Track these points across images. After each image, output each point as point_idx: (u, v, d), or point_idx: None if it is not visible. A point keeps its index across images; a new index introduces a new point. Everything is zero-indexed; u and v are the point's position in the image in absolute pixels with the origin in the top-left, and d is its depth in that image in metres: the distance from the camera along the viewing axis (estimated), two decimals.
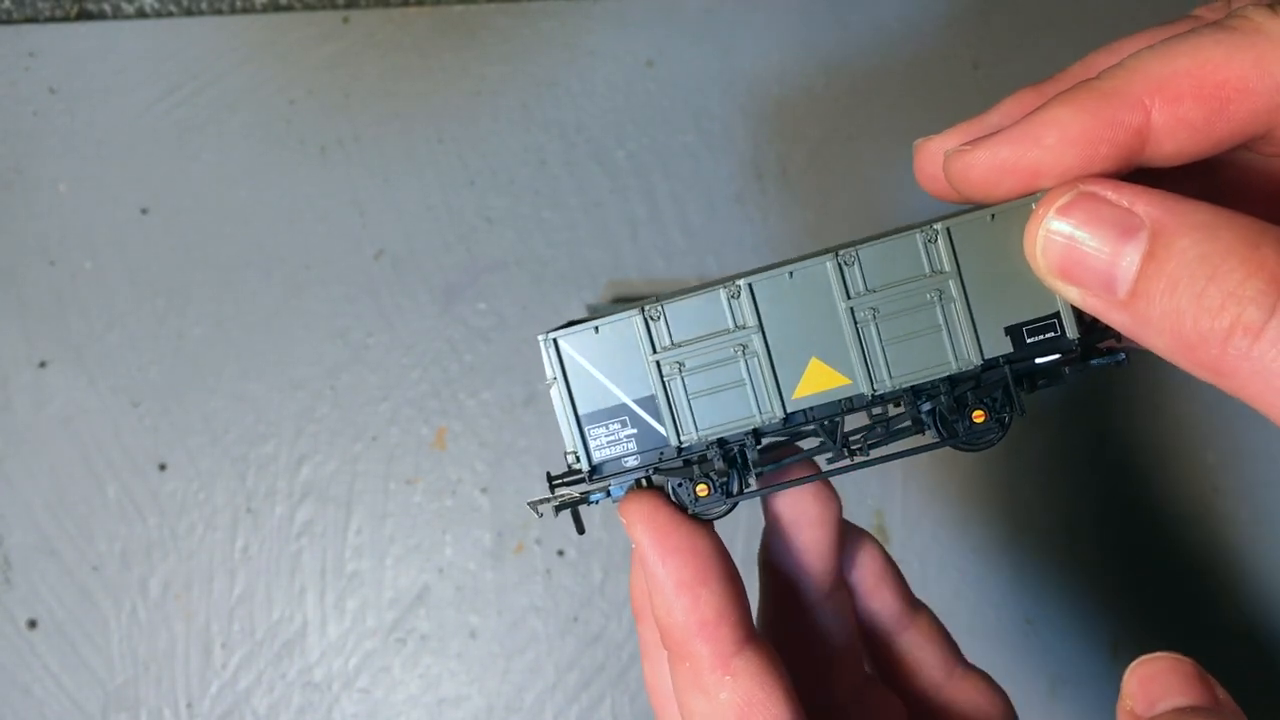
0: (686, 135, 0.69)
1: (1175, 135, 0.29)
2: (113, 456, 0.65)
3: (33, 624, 0.64)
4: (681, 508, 0.35)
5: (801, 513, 0.38)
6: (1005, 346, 0.33)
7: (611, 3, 0.70)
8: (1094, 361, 0.33)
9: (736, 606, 0.34)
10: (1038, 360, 0.33)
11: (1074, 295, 0.30)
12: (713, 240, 0.68)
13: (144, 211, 0.68)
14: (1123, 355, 0.33)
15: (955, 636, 0.43)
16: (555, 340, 0.34)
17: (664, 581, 0.34)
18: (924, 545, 0.66)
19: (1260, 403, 0.26)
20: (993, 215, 0.32)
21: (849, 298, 0.33)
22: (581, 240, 0.68)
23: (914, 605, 0.42)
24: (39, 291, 0.67)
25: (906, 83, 0.70)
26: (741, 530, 0.65)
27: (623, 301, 0.67)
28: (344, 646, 0.64)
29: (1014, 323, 0.33)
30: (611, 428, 0.34)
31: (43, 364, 0.66)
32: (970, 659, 0.42)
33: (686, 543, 0.34)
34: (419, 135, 0.69)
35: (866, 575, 0.41)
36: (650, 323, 0.34)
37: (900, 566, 0.42)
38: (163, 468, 0.65)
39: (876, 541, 0.41)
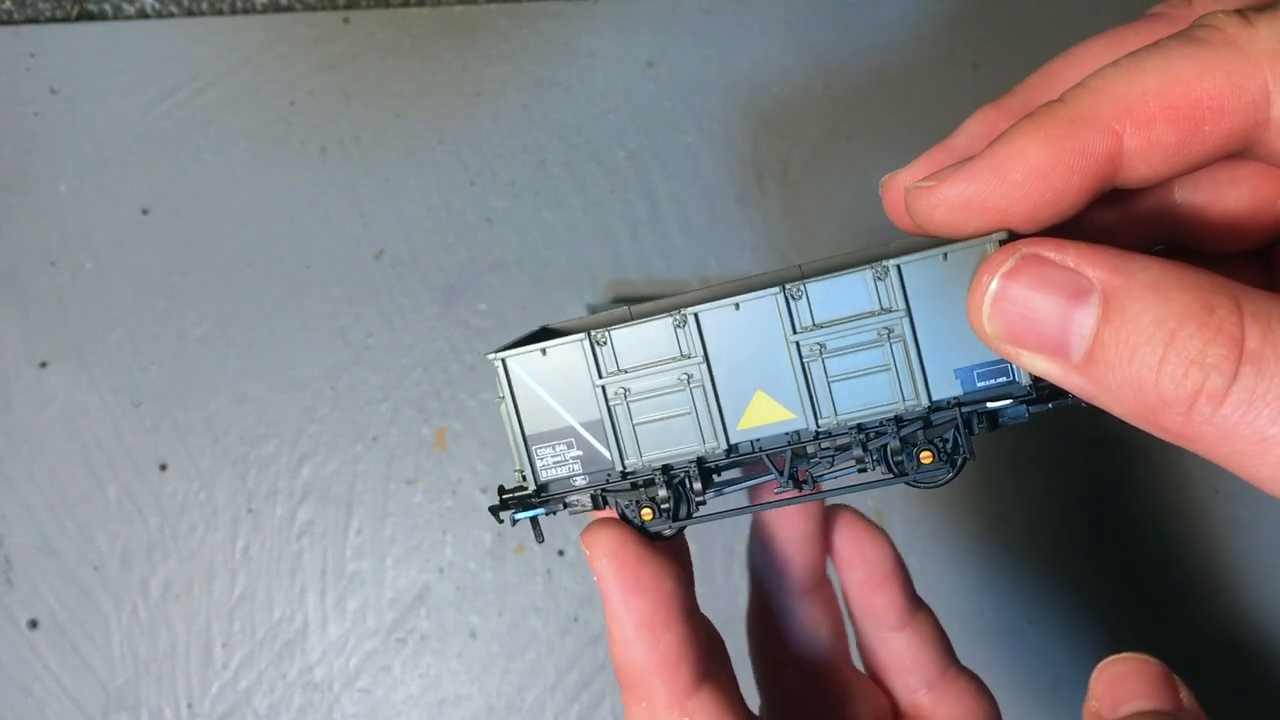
0: (686, 135, 0.69)
1: (1149, 160, 0.28)
2: (113, 456, 0.65)
3: (33, 624, 0.64)
4: (634, 526, 0.34)
5: (780, 510, 0.38)
6: (955, 389, 0.32)
7: (612, 3, 0.70)
8: (1053, 404, 0.32)
9: (696, 646, 0.34)
10: (989, 405, 0.32)
11: (1025, 361, 0.28)
12: (713, 240, 0.68)
13: (145, 212, 0.68)
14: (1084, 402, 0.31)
15: (956, 636, 0.43)
16: (504, 360, 0.34)
17: (625, 620, 0.33)
18: (925, 546, 0.66)
19: (1229, 465, 0.26)
20: (945, 255, 0.31)
21: (795, 332, 0.32)
22: (582, 240, 0.68)
23: (916, 604, 0.41)
24: (40, 292, 0.67)
25: (907, 83, 0.70)
26: (724, 528, 0.65)
27: (623, 302, 0.67)
28: (344, 646, 0.64)
29: (965, 365, 0.32)
30: (558, 449, 0.34)
31: (43, 364, 0.66)
32: (972, 659, 0.42)
33: (652, 582, 0.33)
34: (419, 135, 0.69)
35: (875, 570, 0.40)
36: (597, 347, 0.33)
37: None
38: (163, 468, 0.66)
39: (887, 538, 0.41)
